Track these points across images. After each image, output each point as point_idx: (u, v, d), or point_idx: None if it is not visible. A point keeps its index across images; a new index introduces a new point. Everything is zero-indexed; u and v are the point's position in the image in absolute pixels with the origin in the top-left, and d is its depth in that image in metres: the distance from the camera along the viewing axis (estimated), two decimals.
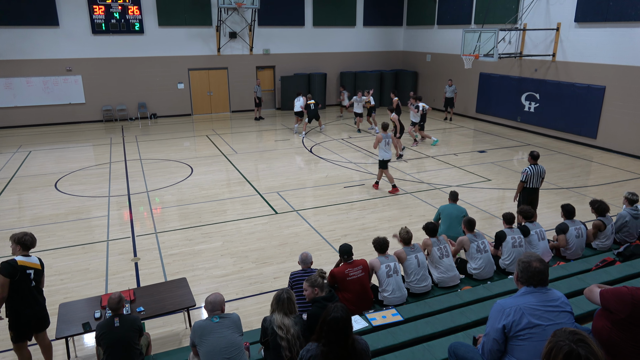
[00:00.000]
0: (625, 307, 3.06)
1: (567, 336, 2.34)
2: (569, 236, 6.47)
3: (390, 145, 10.75)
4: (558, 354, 2.29)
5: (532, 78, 16.76)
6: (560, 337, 2.35)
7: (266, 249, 8.08)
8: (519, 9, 16.69)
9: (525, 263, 3.21)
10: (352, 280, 5.24)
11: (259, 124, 19.25)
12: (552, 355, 2.31)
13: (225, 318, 4.12)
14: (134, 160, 13.72)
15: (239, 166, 13.04)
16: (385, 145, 10.57)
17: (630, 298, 3.07)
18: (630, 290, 3.13)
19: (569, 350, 2.27)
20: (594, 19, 14.25)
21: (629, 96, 13.66)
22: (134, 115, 19.92)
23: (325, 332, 3.25)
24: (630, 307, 3.04)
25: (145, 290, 5.76)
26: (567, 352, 2.27)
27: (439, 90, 20.98)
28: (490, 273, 6.08)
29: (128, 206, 10.11)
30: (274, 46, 21.42)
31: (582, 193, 10.78)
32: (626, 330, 3.07)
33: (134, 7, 18.54)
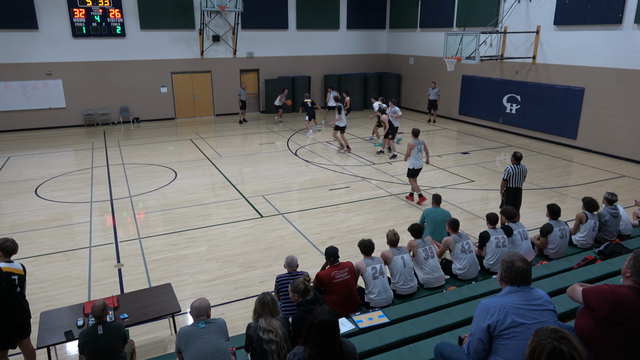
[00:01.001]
0: (607, 305, 3.11)
1: (549, 334, 2.37)
2: (553, 237, 6.56)
3: (422, 153, 10.22)
4: (542, 352, 2.32)
5: (513, 80, 17.02)
6: (542, 336, 2.38)
7: (252, 252, 8.04)
8: (500, 13, 16.94)
9: (509, 263, 3.24)
10: (338, 283, 5.24)
11: (244, 127, 19.18)
12: (536, 354, 2.34)
13: (211, 323, 4.09)
14: (117, 165, 13.55)
15: (223, 170, 12.96)
16: (417, 153, 10.06)
17: (612, 296, 3.12)
18: (612, 288, 3.18)
19: (552, 348, 2.30)
20: (573, 21, 14.54)
21: (607, 97, 13.95)
22: (116, 119, 19.68)
23: (313, 336, 3.24)
24: (612, 304, 3.09)
25: (129, 297, 5.68)
26: (550, 350, 2.30)
27: (422, 93, 21.16)
28: (475, 273, 6.14)
29: (111, 212, 9.97)
30: (258, 49, 21.38)
31: (563, 193, 10.96)
32: (608, 327, 3.12)
33: (115, 10, 18.35)
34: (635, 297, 3.10)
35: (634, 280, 3.17)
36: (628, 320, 3.07)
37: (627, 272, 3.22)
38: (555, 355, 2.28)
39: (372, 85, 23.04)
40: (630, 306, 3.07)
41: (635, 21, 12.83)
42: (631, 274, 3.18)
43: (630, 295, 3.11)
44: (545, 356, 2.29)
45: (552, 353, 2.29)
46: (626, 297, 3.09)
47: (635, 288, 3.15)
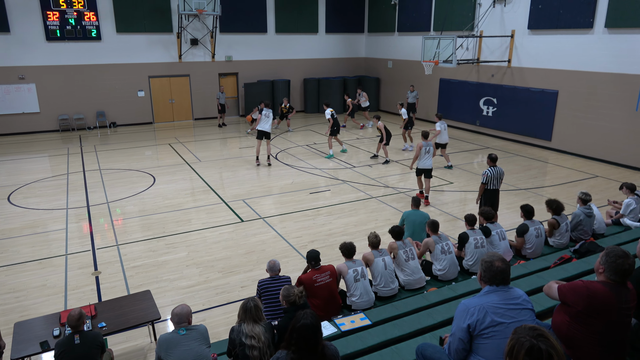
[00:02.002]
0: (582, 300, 3.21)
1: (527, 332, 2.41)
2: (529, 236, 6.69)
3: (430, 154, 10.42)
4: (520, 350, 2.36)
5: (490, 83, 17.33)
6: (520, 334, 2.43)
7: (232, 257, 7.98)
8: (476, 17, 17.25)
9: (488, 263, 3.29)
10: (320, 286, 5.24)
11: (223, 131, 19.05)
12: (515, 352, 2.38)
13: (192, 330, 4.04)
14: (93, 170, 13.29)
15: (203, 174, 12.84)
16: (425, 154, 10.29)
17: (586, 290, 3.22)
18: (586, 283, 3.28)
19: (530, 345, 2.34)
20: (546, 26, 14.89)
21: (579, 100, 14.32)
22: (92, 124, 19.32)
23: (295, 339, 3.23)
24: (586, 299, 3.19)
25: (107, 305, 5.58)
26: (528, 348, 2.35)
27: (401, 96, 21.35)
28: (455, 274, 6.22)
29: (87, 218, 9.78)
30: (237, 53, 21.29)
31: (539, 193, 11.19)
32: (583, 322, 3.21)
33: (90, 13, 18.04)
34: (608, 292, 3.19)
35: (606, 276, 3.28)
36: (602, 315, 3.16)
37: (600, 268, 3.33)
38: (533, 352, 2.33)
39: (352, 89, 23.15)
40: (603, 301, 3.17)
41: (605, 26, 13.21)
42: (604, 270, 3.29)
43: (604, 290, 3.20)
44: (524, 354, 2.34)
45: (530, 350, 2.33)
46: (600, 292, 3.19)
47: (608, 283, 3.26)
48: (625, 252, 3.25)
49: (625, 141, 13.25)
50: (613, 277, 3.24)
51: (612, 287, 3.22)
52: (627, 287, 3.27)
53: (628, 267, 3.20)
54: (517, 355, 2.36)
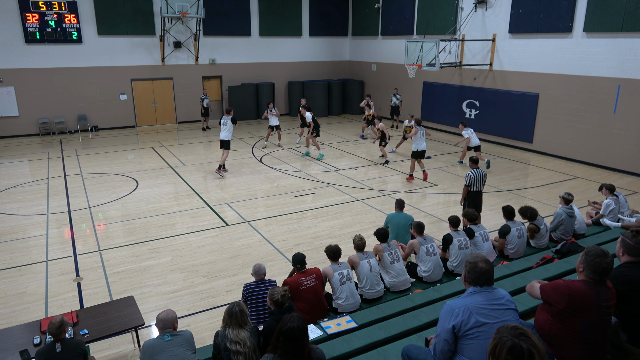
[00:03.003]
0: (563, 298, 3.27)
1: (509, 332, 2.45)
2: (511, 237, 6.78)
3: (424, 138, 12.00)
4: (502, 349, 2.40)
5: (472, 86, 17.54)
6: (503, 334, 2.47)
7: (217, 262, 7.92)
8: (458, 21, 17.46)
9: (472, 264, 3.33)
10: (305, 290, 5.23)
11: (207, 134, 18.92)
12: (497, 351, 2.42)
13: (177, 335, 3.99)
14: (75, 175, 13.08)
15: (187, 178, 12.73)
16: (420, 137, 11.90)
17: (567, 289, 3.28)
18: (567, 282, 3.34)
19: (512, 344, 2.38)
20: (526, 30, 15.15)
21: (560, 102, 14.58)
22: (73, 128, 19.02)
23: (282, 343, 3.22)
24: (567, 297, 3.25)
25: (89, 312, 5.48)
26: (510, 347, 2.38)
27: (385, 99, 21.50)
28: (439, 275, 6.26)
29: (69, 223, 9.61)
30: (221, 56, 21.20)
31: (521, 195, 11.35)
32: (565, 320, 3.27)
33: (71, 15, 17.78)
34: (589, 290, 3.26)
35: (586, 275, 3.35)
36: (583, 313, 3.23)
37: (580, 267, 3.40)
38: (515, 351, 2.36)
39: (336, 92, 23.24)
40: (584, 299, 3.23)
41: (584, 30, 13.49)
42: (583, 269, 3.37)
43: (584, 289, 3.27)
44: (506, 352, 2.38)
45: (511, 349, 2.37)
46: (580, 290, 3.26)
47: (588, 282, 3.33)
48: (604, 252, 3.31)
49: (604, 143, 13.53)
50: (592, 275, 3.31)
51: (592, 285, 3.29)
52: (606, 286, 3.34)
53: (606, 266, 3.27)
54: (500, 354, 2.40)
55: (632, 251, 3.70)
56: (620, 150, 13.17)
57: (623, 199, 8.05)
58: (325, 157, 14.89)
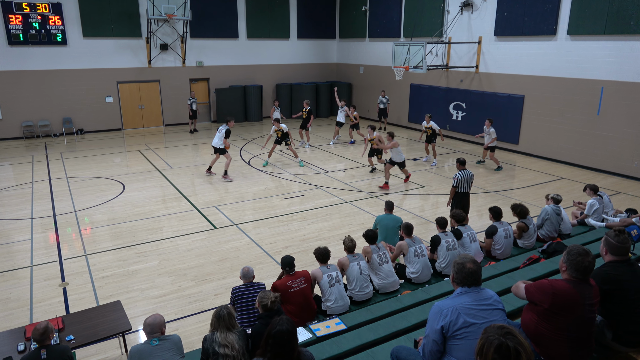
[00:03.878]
0: (547, 298, 3.31)
1: (496, 331, 2.48)
2: (498, 237, 6.85)
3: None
4: (489, 348, 2.43)
5: (459, 88, 17.69)
6: (490, 333, 2.49)
7: (205, 265, 7.87)
8: (444, 24, 17.61)
9: (460, 264, 3.36)
10: (294, 292, 5.22)
11: (195, 137, 18.81)
12: (484, 351, 2.45)
13: (165, 340, 3.96)
14: (60, 178, 12.91)
15: (174, 181, 12.64)
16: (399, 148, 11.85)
17: (551, 288, 3.33)
18: (551, 281, 3.39)
19: (499, 343, 2.41)
20: (511, 33, 15.33)
21: (545, 104, 14.78)
22: (58, 131, 18.78)
23: (271, 346, 3.21)
24: (551, 296, 3.29)
25: (75, 317, 5.41)
26: (497, 346, 2.41)
27: (373, 101, 21.58)
28: (428, 276, 6.30)
29: (54, 228, 9.48)
30: (208, 58, 21.11)
31: (507, 196, 11.47)
32: (550, 319, 3.31)
33: (55, 17, 17.57)
34: (572, 289, 3.31)
35: (569, 274, 3.41)
36: (567, 312, 3.27)
37: (563, 266, 3.46)
38: (502, 350, 2.39)
39: (324, 94, 23.26)
40: (568, 298, 3.28)
41: (567, 33, 13.70)
42: (566, 268, 3.43)
43: (567, 287, 3.32)
44: (493, 351, 2.40)
45: (498, 348, 2.40)
46: (564, 289, 3.31)
47: (571, 280, 3.38)
48: (586, 250, 3.37)
49: (588, 144, 13.74)
50: (574, 274, 3.36)
51: (575, 284, 3.34)
52: (589, 284, 3.39)
53: (588, 265, 3.32)
54: (487, 354, 2.42)
55: (615, 250, 3.76)
56: (603, 151, 13.38)
57: (607, 199, 8.18)
58: (314, 159, 14.89)
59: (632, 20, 12.12)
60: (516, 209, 7.16)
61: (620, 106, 12.79)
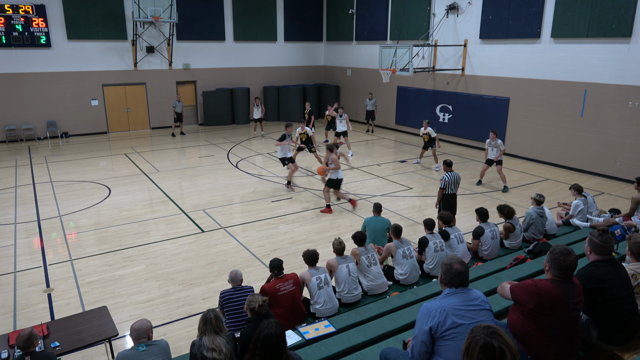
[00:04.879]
0: (531, 298, 3.36)
1: (482, 331, 2.51)
2: (485, 238, 6.91)
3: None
4: (475, 348, 2.47)
5: (445, 91, 17.84)
6: (476, 333, 2.53)
7: (193, 269, 7.82)
8: (430, 27, 17.75)
9: (447, 265, 3.38)
10: (283, 295, 5.21)
11: (182, 140, 18.69)
12: (470, 350, 2.49)
13: (153, 345, 3.92)
14: (44, 183, 12.73)
15: (161, 185, 12.54)
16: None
17: (535, 288, 3.38)
18: (535, 281, 3.44)
19: (484, 343, 2.45)
20: (496, 36, 15.51)
21: (529, 106, 14.97)
22: (42, 134, 18.52)
23: (259, 350, 3.19)
24: (536, 296, 3.34)
25: (61, 323, 5.32)
26: (482, 345, 2.45)
27: (360, 104, 21.66)
28: (416, 278, 6.32)
29: (38, 233, 9.34)
30: (195, 61, 21.00)
31: (494, 197, 11.58)
32: (535, 319, 3.35)
33: (39, 19, 17.34)
34: (556, 288, 3.36)
35: (552, 273, 3.46)
36: (551, 311, 3.32)
37: (546, 266, 3.51)
38: (487, 349, 2.43)
39: (312, 97, 23.28)
40: (552, 297, 3.33)
41: (551, 36, 13.90)
42: (549, 267, 3.48)
43: (551, 287, 3.37)
44: (478, 351, 2.44)
45: (483, 347, 2.43)
46: (548, 289, 3.36)
47: (555, 280, 3.43)
48: (568, 250, 3.42)
49: (572, 145, 13.94)
50: (557, 273, 3.42)
51: (559, 283, 3.39)
52: (573, 283, 3.44)
53: (570, 264, 3.37)
54: (473, 353, 2.46)
55: (599, 250, 3.81)
56: (587, 152, 13.59)
57: (591, 199, 8.30)
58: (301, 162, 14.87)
59: (613, 24, 12.34)
60: (503, 210, 7.25)
61: (603, 108, 13.01)
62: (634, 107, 12.36)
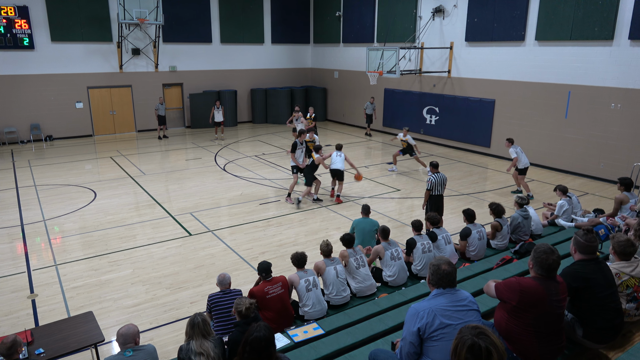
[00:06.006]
0: (515, 294, 3.41)
1: (469, 331, 2.54)
2: (472, 239, 6.96)
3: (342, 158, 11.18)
4: (462, 348, 2.50)
5: (432, 93, 17.98)
6: (464, 333, 2.55)
7: (181, 273, 7.75)
8: (417, 29, 17.88)
9: (435, 266, 3.41)
10: (272, 298, 5.19)
11: (169, 143, 18.55)
12: (458, 350, 2.52)
13: (140, 350, 3.88)
14: (28, 187, 12.53)
15: (147, 188, 12.42)
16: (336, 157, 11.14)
17: (518, 286, 3.44)
18: (518, 279, 3.51)
19: (471, 343, 2.47)
20: (482, 38, 15.68)
21: (514, 108, 15.15)
22: (25, 137, 18.23)
23: (248, 353, 3.17)
24: (519, 293, 3.40)
25: (45, 330, 5.24)
26: (469, 346, 2.47)
27: (348, 106, 21.72)
28: (404, 279, 6.35)
29: (22, 238, 9.18)
30: (181, 63, 20.87)
31: (480, 198, 11.68)
32: (519, 316, 3.41)
33: (22, 20, 17.09)
34: (538, 286, 3.42)
35: (535, 271, 3.53)
36: (534, 308, 3.38)
37: (530, 264, 3.59)
38: (474, 350, 2.45)
39: (299, 99, 23.28)
40: (534, 294, 3.39)
41: (535, 38, 14.09)
42: (533, 265, 3.54)
43: (534, 284, 3.43)
44: (465, 351, 2.47)
45: (470, 348, 2.46)
46: (530, 287, 3.42)
47: (538, 277, 3.50)
48: (551, 249, 3.49)
49: (557, 146, 14.13)
50: (540, 271, 3.49)
51: (541, 281, 3.46)
52: (556, 281, 3.50)
53: (552, 262, 3.44)
54: (460, 353, 2.49)
55: (584, 249, 3.87)
56: (571, 153, 13.78)
57: (576, 199, 8.42)
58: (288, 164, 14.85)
59: (596, 27, 12.56)
60: (491, 206, 7.34)
61: (587, 109, 13.22)
62: (617, 109, 12.59)
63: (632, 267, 4.08)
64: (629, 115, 12.34)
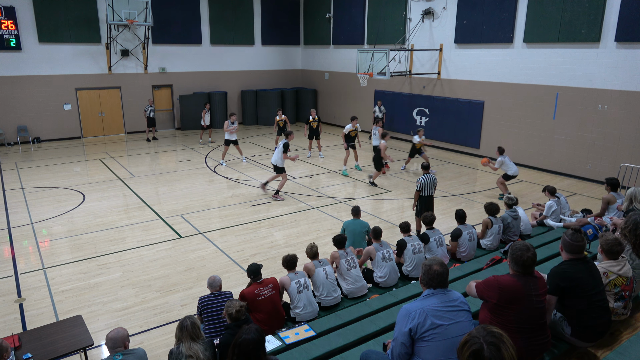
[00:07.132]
0: (494, 292, 3.47)
1: (483, 334, 2.42)
2: (462, 240, 7.01)
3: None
4: (468, 349, 2.41)
5: (422, 94, 18.07)
6: (477, 334, 2.43)
7: (171, 275, 7.70)
8: (406, 31, 17.97)
9: (427, 266, 3.44)
10: (262, 300, 5.18)
11: (158, 144, 18.43)
12: (464, 349, 2.43)
13: (129, 354, 3.84)
14: (15, 189, 12.37)
15: (137, 190, 12.33)
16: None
17: (496, 283, 3.50)
18: (496, 277, 3.57)
19: (477, 349, 2.37)
20: (471, 40, 15.80)
21: (503, 109, 15.28)
22: (12, 139, 18.01)
23: (237, 356, 3.16)
24: (497, 290, 3.46)
25: (33, 334, 5.17)
26: (474, 350, 2.38)
27: (338, 107, 21.75)
28: (395, 280, 6.37)
29: (8, 241, 9.06)
30: (171, 64, 20.76)
31: (470, 199, 11.75)
32: (501, 313, 3.46)
33: (9, 21, 16.89)
34: (516, 282, 3.49)
35: (512, 268, 3.61)
36: (514, 304, 3.43)
37: (508, 261, 3.66)
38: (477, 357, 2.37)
39: (290, 101, 23.27)
40: (512, 291, 3.45)
41: (524, 40, 14.23)
42: (509, 262, 3.62)
43: (512, 281, 3.50)
44: (469, 354, 2.39)
45: (474, 354, 2.38)
46: (508, 283, 3.48)
47: (515, 274, 3.57)
48: (527, 246, 3.57)
49: (545, 147, 14.27)
50: (516, 268, 3.56)
51: (519, 277, 3.53)
52: (534, 277, 3.57)
53: (527, 259, 3.50)
54: (464, 353, 2.41)
55: (572, 249, 3.92)
56: (560, 154, 13.93)
57: (564, 200, 8.50)
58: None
59: (583, 29, 12.71)
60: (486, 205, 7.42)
61: (574, 111, 13.37)
62: (603, 110, 12.75)
63: (619, 266, 4.13)
64: (616, 116, 12.50)
